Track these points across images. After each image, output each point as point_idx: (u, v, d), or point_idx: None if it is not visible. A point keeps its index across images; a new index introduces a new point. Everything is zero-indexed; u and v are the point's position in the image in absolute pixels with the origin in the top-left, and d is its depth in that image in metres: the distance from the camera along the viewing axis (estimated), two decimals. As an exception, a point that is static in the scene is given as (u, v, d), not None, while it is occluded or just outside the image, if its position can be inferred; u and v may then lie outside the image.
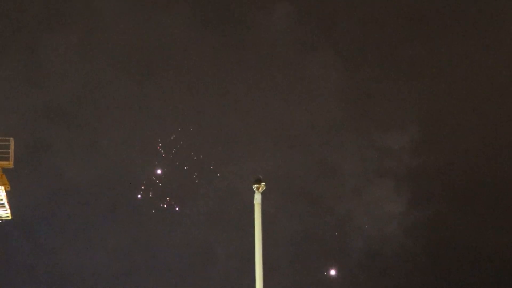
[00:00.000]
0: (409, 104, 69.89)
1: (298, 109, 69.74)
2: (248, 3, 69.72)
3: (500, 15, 69.75)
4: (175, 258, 67.51)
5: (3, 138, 38.36)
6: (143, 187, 67.58)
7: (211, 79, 69.76)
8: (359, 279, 68.64)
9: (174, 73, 69.53)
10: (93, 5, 68.84)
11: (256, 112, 69.46)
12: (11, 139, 38.25)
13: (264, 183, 27.75)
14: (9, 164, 38.37)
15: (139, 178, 67.87)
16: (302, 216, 68.81)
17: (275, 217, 66.12)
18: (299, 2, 69.77)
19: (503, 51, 69.64)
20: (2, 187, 39.13)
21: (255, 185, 27.72)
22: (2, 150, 38.30)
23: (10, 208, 42.18)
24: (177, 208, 67.56)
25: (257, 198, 27.67)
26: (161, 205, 67.49)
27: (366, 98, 70.43)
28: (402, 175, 69.31)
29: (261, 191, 27.69)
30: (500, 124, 69.47)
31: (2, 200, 40.87)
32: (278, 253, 65.91)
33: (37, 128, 66.24)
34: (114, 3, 68.74)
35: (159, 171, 68.00)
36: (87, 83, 68.61)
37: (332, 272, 67.76)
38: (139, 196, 67.57)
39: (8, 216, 43.02)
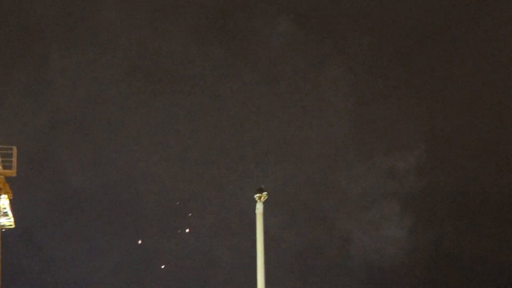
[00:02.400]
0: (417, 124, 69.72)
1: (303, 126, 69.72)
2: (251, 16, 69.83)
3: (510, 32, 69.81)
4: (178, 268, 67.62)
5: (6, 146, 38.38)
6: (147, 196, 67.88)
7: (216, 93, 69.89)
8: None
9: (178, 86, 69.66)
10: (101, 20, 69.27)
11: (261, 126, 69.52)
12: (14, 147, 38.26)
13: (266, 193, 27.76)
14: (12, 172, 38.39)
15: (144, 188, 68.05)
16: (304, 233, 68.73)
17: (277, 232, 66.07)
18: (301, 16, 69.81)
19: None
20: (5, 196, 39.15)
21: (257, 195, 27.74)
22: (5, 159, 38.31)
23: (13, 216, 42.20)
24: (190, 214, 67.80)
25: (259, 208, 27.70)
26: (166, 215, 67.78)
27: (373, 116, 70.30)
28: (407, 196, 69.14)
29: (263, 200, 27.70)
30: (509, 145, 69.24)
31: (5, 208, 40.90)
32: (280, 267, 65.81)
33: (41, 137, 66.43)
34: (120, 17, 69.12)
35: (163, 181, 68.25)
36: (92, 94, 68.91)
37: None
38: (143, 205, 67.84)
39: (11, 225, 43.06)
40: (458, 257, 68.53)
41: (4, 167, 38.46)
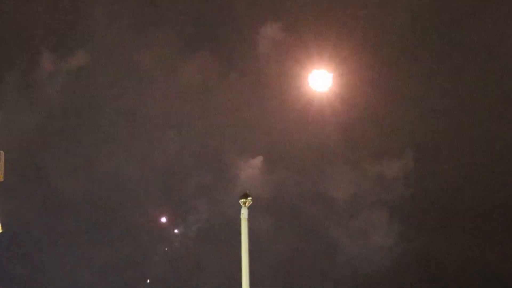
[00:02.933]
0: (405, 132, 69.79)
1: (291, 132, 69.79)
2: (237, 22, 69.92)
3: (498, 38, 69.91)
4: (165, 273, 67.73)
5: (-7, 151, 38.44)
6: (135, 202, 67.98)
7: (204, 99, 69.97)
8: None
9: (166, 92, 69.84)
10: (90, 25, 69.44)
11: (249, 133, 69.59)
12: (1, 152, 38.31)
13: (250, 198, 27.83)
14: (-1, 177, 38.44)
15: (131, 194, 68.16)
16: (290, 239, 68.81)
17: (264, 238, 66.20)
18: (289, 21, 69.91)
19: (502, 78, 69.69)
20: (-8, 200, 39.13)
21: (242, 200, 27.82)
22: (-8, 163, 38.36)
23: (1, 221, 42.14)
24: (176, 231, 67.97)
25: (244, 213, 27.76)
26: (154, 222, 67.84)
27: (362, 123, 70.35)
28: (395, 204, 69.25)
29: (248, 205, 27.78)
30: (498, 152, 69.36)
31: (-8, 213, 40.88)
32: (266, 274, 65.90)
33: (29, 142, 66.42)
34: (108, 24, 69.26)
35: (152, 188, 68.45)
36: (81, 99, 69.01)
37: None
38: (131, 211, 67.95)
39: (-2, 230, 43.06)
40: (446, 265, 68.70)
41: (-9, 172, 38.47)
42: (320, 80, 68.15)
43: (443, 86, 70.11)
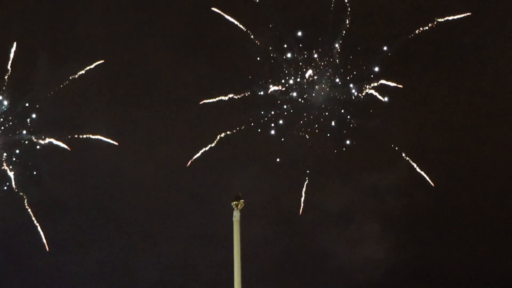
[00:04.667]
0: (398, 142, 69.86)
1: (284, 139, 69.81)
2: (232, 29, 70.09)
3: (492, 53, 70.17)
4: (156, 278, 67.84)
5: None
6: (127, 207, 68.13)
7: (197, 105, 70.11)
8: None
9: (160, 98, 69.98)
10: (81, 32, 69.74)
11: (242, 139, 69.65)
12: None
13: (243, 200, 27.87)
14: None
15: (123, 198, 68.24)
16: (281, 248, 68.93)
17: (255, 245, 66.32)
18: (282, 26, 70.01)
19: (497, 87, 69.88)
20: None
21: (234, 202, 27.86)
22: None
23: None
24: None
25: (236, 215, 27.85)
26: (145, 223, 68.13)
27: (355, 132, 70.41)
28: (388, 214, 69.36)
29: (240, 208, 27.81)
30: (493, 162, 69.48)
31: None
32: (257, 280, 65.90)
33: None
34: (99, 29, 69.51)
35: (143, 192, 68.59)
36: (74, 104, 69.22)
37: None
38: (122, 215, 68.07)
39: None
40: (439, 277, 68.83)
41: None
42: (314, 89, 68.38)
43: (436, 98, 70.35)
